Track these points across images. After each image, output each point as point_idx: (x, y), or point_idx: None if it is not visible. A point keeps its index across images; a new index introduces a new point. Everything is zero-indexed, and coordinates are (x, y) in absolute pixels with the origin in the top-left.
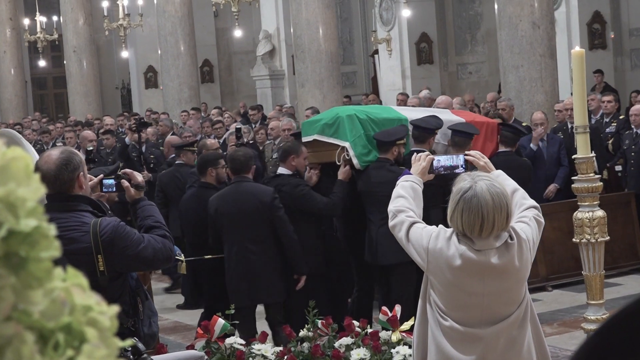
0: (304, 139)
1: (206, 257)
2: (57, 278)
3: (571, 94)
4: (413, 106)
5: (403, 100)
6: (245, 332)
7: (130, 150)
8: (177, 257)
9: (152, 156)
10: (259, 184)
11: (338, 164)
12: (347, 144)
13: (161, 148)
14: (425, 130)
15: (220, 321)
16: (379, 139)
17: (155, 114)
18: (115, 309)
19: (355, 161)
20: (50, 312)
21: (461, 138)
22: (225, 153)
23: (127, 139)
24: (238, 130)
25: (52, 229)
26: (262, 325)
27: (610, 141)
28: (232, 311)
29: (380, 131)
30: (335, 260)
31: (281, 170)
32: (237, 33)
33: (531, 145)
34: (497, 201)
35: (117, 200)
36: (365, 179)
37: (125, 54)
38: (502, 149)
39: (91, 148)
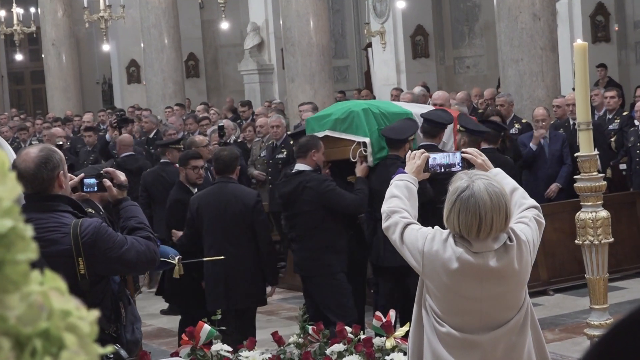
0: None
1: (204, 259)
2: (34, 281)
3: (573, 89)
4: (405, 102)
5: (397, 96)
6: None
7: (110, 148)
8: (169, 261)
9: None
10: (243, 186)
11: (353, 160)
12: (367, 140)
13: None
14: (437, 125)
15: (206, 327)
16: (390, 137)
17: (139, 110)
18: (95, 314)
19: (370, 158)
20: (27, 317)
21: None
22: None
23: (107, 136)
24: (221, 128)
25: (29, 230)
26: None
27: (613, 139)
28: (219, 316)
29: (388, 127)
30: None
31: (301, 166)
32: (224, 25)
33: (531, 145)
34: (495, 201)
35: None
36: (376, 176)
37: (106, 47)
38: (484, 146)
39: (60, 143)
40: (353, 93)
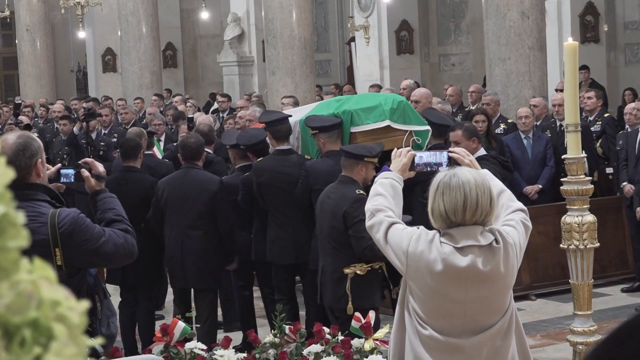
0: (365, 127)
1: None
2: (23, 270)
3: (556, 90)
4: None
5: (377, 92)
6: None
7: (79, 137)
8: None
9: (102, 143)
10: (208, 173)
11: None
12: (428, 127)
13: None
14: (434, 125)
15: (180, 324)
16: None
17: (118, 100)
18: (85, 304)
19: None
20: (16, 306)
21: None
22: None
23: (75, 129)
24: (190, 119)
25: (20, 217)
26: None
27: (598, 143)
28: (193, 314)
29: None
30: None
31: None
32: (204, 15)
33: (522, 137)
34: (479, 181)
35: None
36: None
37: (82, 34)
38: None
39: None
40: (330, 88)
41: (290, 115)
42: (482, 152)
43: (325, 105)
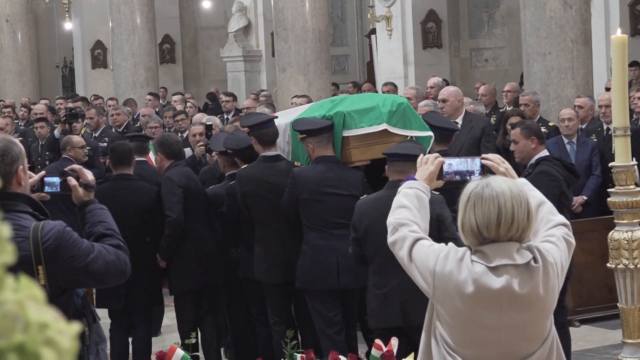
0: (359, 131)
1: None
2: (8, 288)
3: (606, 89)
4: (408, 98)
5: (389, 92)
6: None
7: (60, 141)
8: None
9: (88, 148)
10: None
11: None
12: (430, 133)
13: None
14: (440, 130)
15: (179, 352)
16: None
17: (98, 98)
18: (76, 327)
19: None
20: (1, 329)
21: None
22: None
23: (56, 132)
24: (209, 127)
25: (5, 230)
26: None
27: None
28: (193, 340)
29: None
30: None
31: None
32: (206, 4)
33: (565, 142)
34: (515, 192)
35: None
36: None
37: (68, 25)
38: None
39: None
40: (348, 86)
41: (277, 117)
42: (544, 152)
43: (318, 106)
